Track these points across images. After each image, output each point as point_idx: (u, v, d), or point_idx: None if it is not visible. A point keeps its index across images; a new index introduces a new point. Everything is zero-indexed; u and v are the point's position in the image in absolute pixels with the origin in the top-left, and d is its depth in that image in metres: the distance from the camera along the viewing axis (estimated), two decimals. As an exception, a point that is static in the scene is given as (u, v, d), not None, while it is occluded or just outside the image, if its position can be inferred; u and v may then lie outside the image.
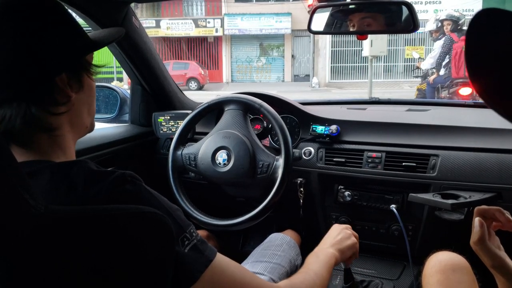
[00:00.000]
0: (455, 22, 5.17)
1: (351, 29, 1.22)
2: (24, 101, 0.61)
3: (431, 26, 5.48)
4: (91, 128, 0.77)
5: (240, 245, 1.88)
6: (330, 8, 1.25)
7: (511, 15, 0.41)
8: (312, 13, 1.21)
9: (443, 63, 5.23)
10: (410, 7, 1.10)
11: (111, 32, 0.79)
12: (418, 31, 1.14)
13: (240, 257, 1.13)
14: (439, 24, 5.34)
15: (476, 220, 0.81)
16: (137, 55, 1.56)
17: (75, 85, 0.67)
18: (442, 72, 5.24)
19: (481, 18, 0.42)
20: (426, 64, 5.51)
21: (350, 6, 1.19)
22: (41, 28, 0.62)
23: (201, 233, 1.44)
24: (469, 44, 0.43)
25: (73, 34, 0.67)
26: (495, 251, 0.79)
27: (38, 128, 0.63)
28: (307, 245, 0.98)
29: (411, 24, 1.11)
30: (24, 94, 0.61)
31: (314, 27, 1.23)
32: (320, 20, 1.26)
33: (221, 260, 0.66)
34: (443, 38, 5.24)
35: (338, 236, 1.04)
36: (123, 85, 10.62)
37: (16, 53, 0.60)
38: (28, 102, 0.61)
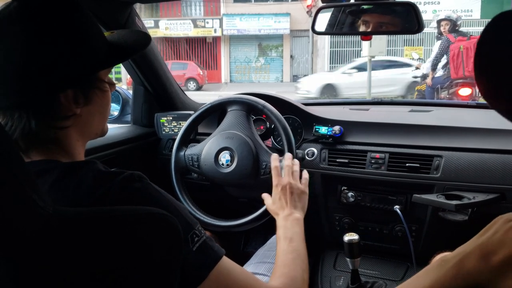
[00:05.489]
0: (452, 23, 5.19)
1: (360, 29, 1.21)
2: (25, 113, 0.60)
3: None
4: (102, 133, 0.75)
5: (242, 245, 1.88)
6: (333, 8, 1.25)
7: None
8: (316, 13, 1.21)
9: (441, 64, 5.24)
10: (415, 8, 1.10)
11: (137, 38, 0.74)
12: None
13: (242, 258, 1.13)
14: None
15: None
16: (140, 56, 1.55)
17: (82, 100, 0.64)
18: (440, 73, 5.25)
19: (501, 19, 0.42)
20: (426, 69, 5.54)
21: (366, 7, 1.19)
22: (51, 38, 0.58)
23: (204, 234, 1.43)
24: (483, 42, 0.43)
25: (87, 48, 0.62)
26: None
27: (37, 141, 0.62)
28: (309, 246, 0.98)
29: (416, 24, 1.11)
30: (25, 106, 0.60)
31: (318, 28, 1.23)
32: (323, 20, 1.26)
33: (228, 260, 0.67)
34: (440, 39, 5.26)
35: (293, 195, 1.02)
36: (121, 85, 10.59)
37: (22, 60, 0.57)
38: (29, 115, 0.60)
